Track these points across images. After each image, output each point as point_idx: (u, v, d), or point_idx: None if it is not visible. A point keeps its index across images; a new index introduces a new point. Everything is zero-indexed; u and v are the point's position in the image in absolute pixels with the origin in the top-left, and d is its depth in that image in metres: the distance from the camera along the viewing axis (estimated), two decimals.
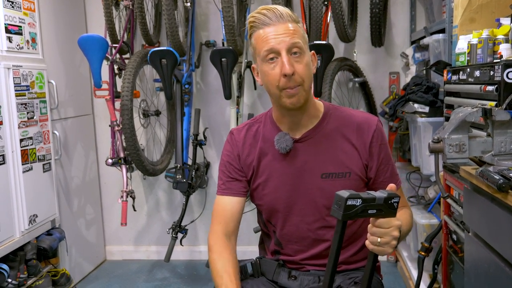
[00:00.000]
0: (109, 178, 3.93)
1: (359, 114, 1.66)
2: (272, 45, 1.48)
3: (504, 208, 1.46)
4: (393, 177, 1.64)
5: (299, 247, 1.66)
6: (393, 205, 1.27)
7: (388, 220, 1.29)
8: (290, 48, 1.48)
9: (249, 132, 1.69)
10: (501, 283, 1.50)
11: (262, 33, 1.50)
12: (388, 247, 1.30)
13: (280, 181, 1.63)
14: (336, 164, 1.60)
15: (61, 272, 3.14)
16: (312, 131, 1.62)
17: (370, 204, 1.25)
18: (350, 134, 1.61)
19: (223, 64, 2.88)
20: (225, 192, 1.68)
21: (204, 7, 3.70)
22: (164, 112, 3.71)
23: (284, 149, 1.60)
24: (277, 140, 1.61)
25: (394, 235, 1.30)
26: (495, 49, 1.90)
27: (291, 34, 1.48)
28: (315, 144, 1.61)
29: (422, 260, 2.41)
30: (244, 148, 1.68)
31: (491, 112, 1.47)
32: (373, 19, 3.24)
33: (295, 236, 1.65)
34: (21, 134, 2.80)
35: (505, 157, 1.50)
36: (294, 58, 1.49)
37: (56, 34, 3.35)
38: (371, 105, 3.60)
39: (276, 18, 1.48)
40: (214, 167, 3.82)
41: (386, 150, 1.64)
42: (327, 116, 1.64)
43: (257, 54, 1.54)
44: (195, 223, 3.75)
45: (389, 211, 1.28)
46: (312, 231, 1.63)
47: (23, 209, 2.81)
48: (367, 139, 1.60)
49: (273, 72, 1.50)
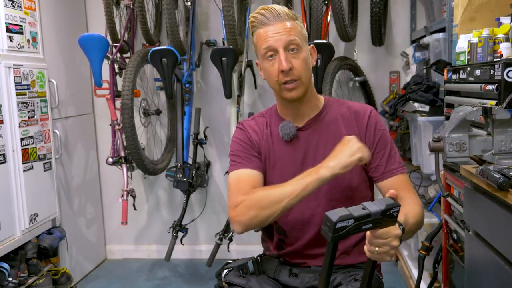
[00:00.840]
0: (110, 177, 3.93)
1: (356, 104, 1.75)
2: (270, 43, 1.58)
3: (504, 207, 1.46)
4: (391, 163, 1.65)
5: (302, 234, 1.68)
6: (392, 215, 1.19)
7: (387, 230, 1.23)
8: (287, 45, 1.57)
9: (257, 122, 1.77)
10: (502, 282, 1.50)
11: (261, 32, 1.60)
12: (386, 256, 1.27)
13: (285, 168, 1.67)
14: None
15: (61, 271, 3.13)
16: (314, 119, 1.70)
17: (365, 221, 1.16)
18: (349, 121, 1.69)
19: (223, 63, 2.88)
20: (246, 166, 1.66)
21: (205, 6, 3.70)
22: (165, 111, 3.71)
23: (288, 135, 1.67)
24: (281, 128, 1.69)
25: (392, 245, 1.26)
26: (495, 48, 1.90)
27: (288, 32, 1.57)
28: (317, 132, 1.69)
29: (422, 259, 2.40)
30: (254, 137, 1.73)
31: (492, 111, 1.47)
32: (373, 18, 3.25)
33: (300, 221, 1.67)
34: (22, 133, 2.80)
35: (506, 156, 1.50)
36: (292, 54, 1.58)
37: (57, 33, 3.35)
38: (371, 104, 3.60)
39: (274, 18, 1.58)
40: (214, 166, 3.83)
41: (383, 135, 1.67)
42: (328, 106, 1.72)
43: (258, 52, 1.64)
44: (195, 222, 3.75)
45: (388, 221, 1.19)
46: (315, 215, 1.66)
47: (24, 208, 2.81)
48: (363, 123, 1.68)
49: (272, 68, 1.60)
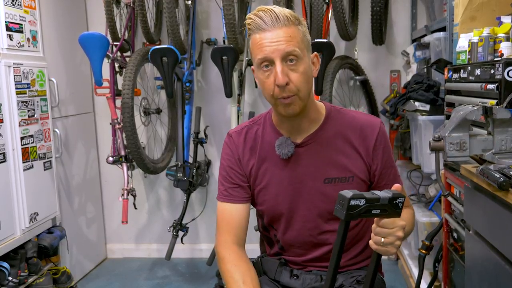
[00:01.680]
0: (110, 176, 3.93)
1: (361, 116, 1.62)
2: (265, 54, 1.41)
3: (504, 206, 1.46)
4: (396, 180, 1.62)
5: (301, 251, 1.65)
6: (398, 205, 1.25)
7: (392, 220, 1.26)
8: (285, 56, 1.41)
9: (249, 135, 1.64)
10: (502, 281, 1.50)
11: (257, 38, 1.43)
12: (392, 247, 1.28)
13: (281, 187, 1.59)
14: (338, 169, 1.56)
15: (61, 270, 3.14)
16: (314, 135, 1.57)
17: (374, 204, 1.22)
18: (353, 137, 1.57)
19: (224, 62, 2.88)
20: (228, 199, 1.62)
21: (205, 5, 3.69)
22: (165, 110, 3.71)
23: (286, 155, 1.56)
24: (278, 146, 1.57)
25: (398, 236, 1.27)
26: (496, 48, 1.89)
27: (287, 42, 1.41)
28: (317, 149, 1.57)
29: (423, 258, 2.41)
30: (244, 153, 1.63)
31: (492, 110, 1.47)
32: (374, 17, 3.24)
33: (297, 240, 1.64)
34: (22, 132, 2.80)
35: (506, 155, 1.51)
36: (290, 66, 1.42)
37: (57, 32, 3.35)
38: (372, 103, 3.60)
39: (272, 23, 1.41)
40: (215, 165, 3.82)
41: (389, 153, 1.61)
42: (329, 119, 1.59)
43: (253, 59, 1.49)
44: (196, 221, 3.75)
45: (394, 211, 1.25)
46: (314, 236, 1.61)
47: (24, 207, 2.81)
48: (370, 142, 1.56)
49: (267, 80, 1.45)
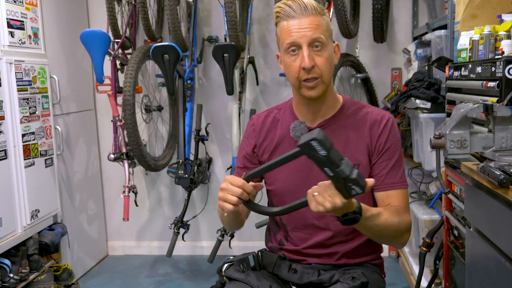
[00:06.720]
0: (111, 173, 3.94)
1: (375, 110, 1.68)
2: (294, 39, 1.52)
3: (505, 204, 1.46)
4: (391, 176, 1.60)
5: (304, 235, 1.68)
6: (350, 189, 1.24)
7: (336, 192, 1.27)
8: (312, 42, 1.52)
9: (268, 118, 1.74)
10: (502, 278, 1.51)
11: (286, 25, 1.54)
12: (317, 205, 1.30)
13: (292, 168, 1.64)
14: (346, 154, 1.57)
15: (63, 267, 3.14)
16: (328, 121, 1.65)
17: (331, 165, 1.22)
18: (364, 128, 1.63)
19: (225, 60, 2.88)
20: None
21: (207, 2, 3.69)
22: (166, 108, 3.72)
23: (299, 138, 1.62)
24: (293, 128, 1.66)
25: (327, 203, 1.28)
26: (496, 45, 1.90)
27: (313, 29, 1.51)
28: (330, 134, 1.59)
29: (423, 255, 2.41)
30: (261, 134, 1.72)
31: (493, 108, 1.47)
32: (375, 15, 3.24)
33: (301, 222, 1.67)
34: (23, 129, 2.80)
35: (506, 153, 1.51)
36: (315, 51, 1.53)
37: (58, 29, 3.35)
38: (373, 101, 3.60)
39: (301, 11, 1.52)
40: (216, 162, 3.83)
41: (393, 146, 1.62)
42: (344, 108, 1.67)
43: (280, 45, 1.59)
44: (197, 218, 3.76)
45: (344, 191, 1.25)
46: (317, 219, 1.64)
47: (25, 204, 2.81)
48: (377, 131, 1.62)
49: (294, 64, 1.55)
